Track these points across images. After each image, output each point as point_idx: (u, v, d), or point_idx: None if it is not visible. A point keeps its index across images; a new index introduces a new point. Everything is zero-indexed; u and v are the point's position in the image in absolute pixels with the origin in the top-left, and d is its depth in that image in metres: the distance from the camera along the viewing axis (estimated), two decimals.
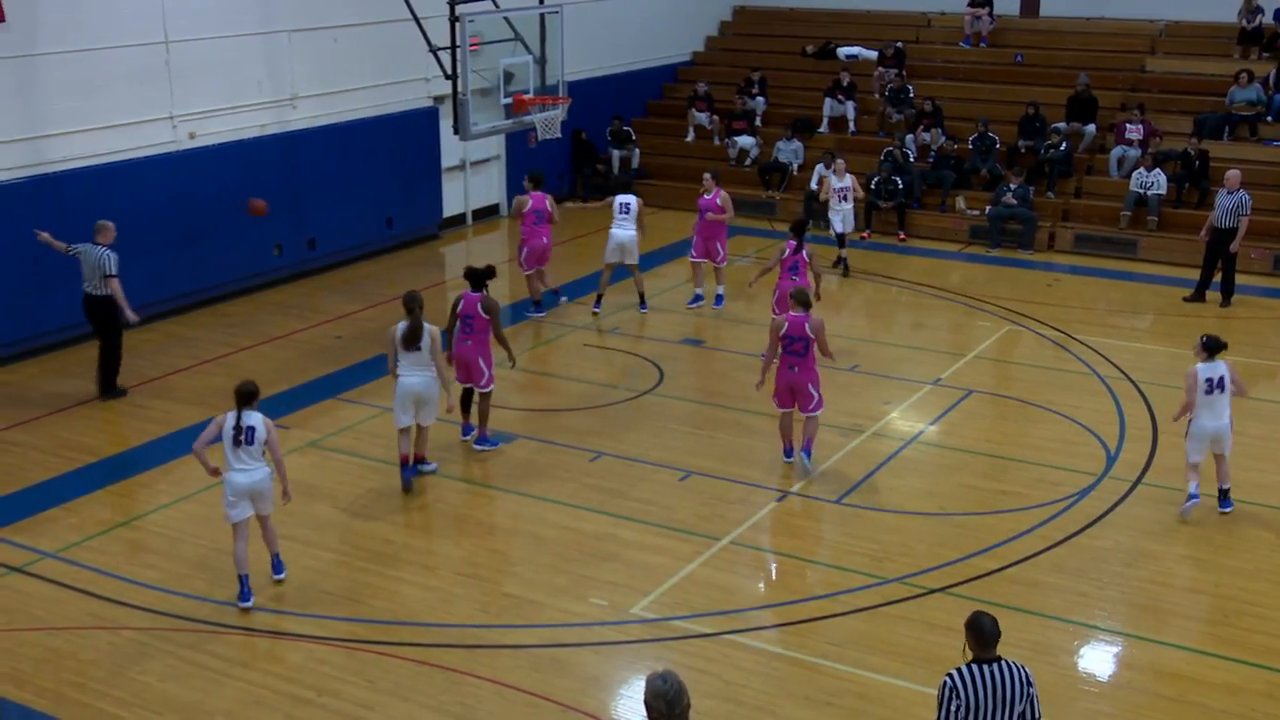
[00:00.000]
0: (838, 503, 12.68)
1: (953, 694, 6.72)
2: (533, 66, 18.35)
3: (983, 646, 6.83)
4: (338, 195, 20.35)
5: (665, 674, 6.32)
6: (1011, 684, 6.75)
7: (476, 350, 13.41)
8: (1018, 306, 18.72)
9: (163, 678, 9.74)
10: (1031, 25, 27.38)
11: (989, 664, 6.79)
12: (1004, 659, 6.89)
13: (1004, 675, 6.74)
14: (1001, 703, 6.70)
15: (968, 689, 6.70)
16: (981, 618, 6.91)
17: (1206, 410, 12.11)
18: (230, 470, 10.54)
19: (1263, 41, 24.46)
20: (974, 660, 6.83)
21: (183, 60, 17.86)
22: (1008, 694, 6.71)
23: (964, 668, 6.84)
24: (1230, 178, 18.60)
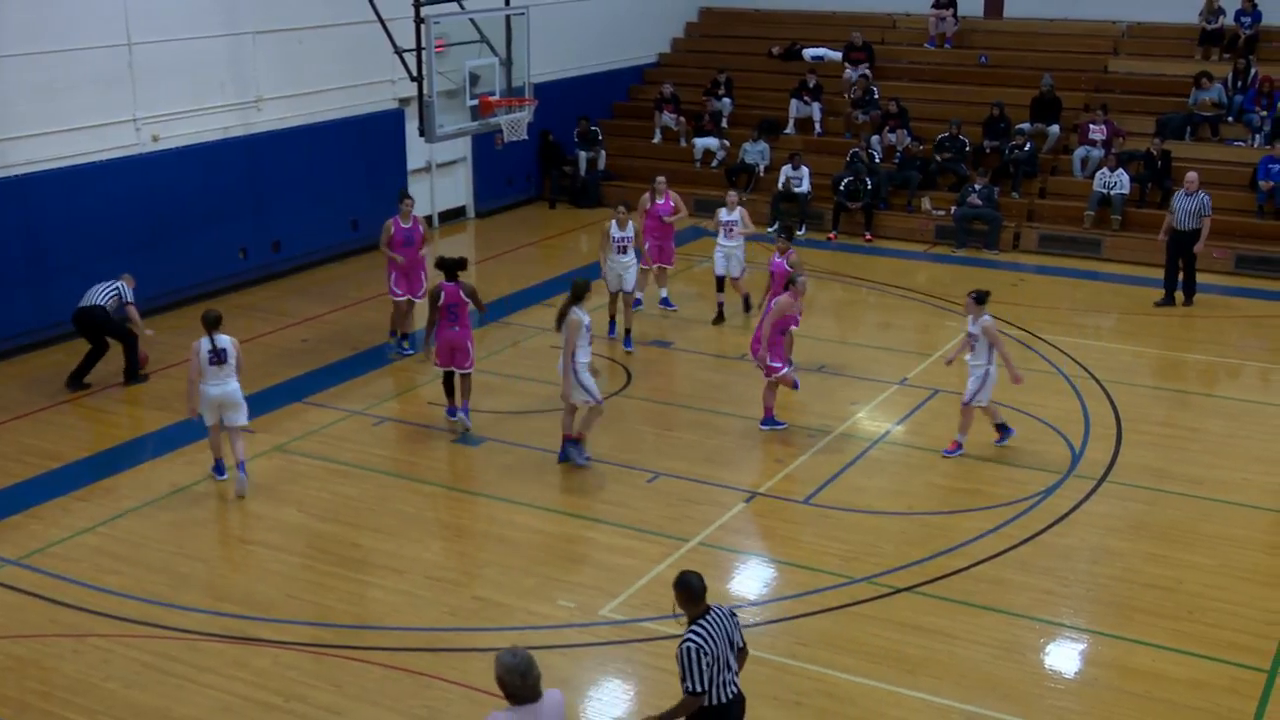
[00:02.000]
0: (806, 503, 12.71)
1: (700, 652, 7.27)
2: (499, 68, 18.31)
3: (697, 602, 7.41)
4: (303, 198, 20.27)
5: (513, 649, 6.65)
6: (726, 623, 7.46)
7: (465, 335, 14.08)
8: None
9: (128, 685, 9.67)
10: (995, 26, 27.53)
11: (705, 615, 7.40)
12: (711, 606, 7.46)
13: (720, 618, 7.44)
14: (724, 642, 7.41)
15: (710, 642, 7.31)
16: (689, 577, 7.43)
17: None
18: (205, 384, 12.42)
19: (1223, 42, 24.68)
20: (697, 616, 7.39)
21: (146, 62, 17.75)
22: (726, 632, 7.43)
23: (697, 627, 7.34)
24: (1189, 180, 18.70)
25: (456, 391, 14.38)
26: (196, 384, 12.53)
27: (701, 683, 7.29)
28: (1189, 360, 17.09)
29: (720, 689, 7.42)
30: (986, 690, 9.63)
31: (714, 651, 7.32)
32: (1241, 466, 13.56)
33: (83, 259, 17.15)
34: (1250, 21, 24.49)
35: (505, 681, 6.55)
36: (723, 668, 7.39)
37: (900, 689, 9.65)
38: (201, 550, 11.79)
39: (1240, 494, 12.89)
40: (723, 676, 7.40)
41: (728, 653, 7.42)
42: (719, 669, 7.36)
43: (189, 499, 12.79)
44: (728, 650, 7.42)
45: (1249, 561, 11.60)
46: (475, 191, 24.32)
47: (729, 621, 7.50)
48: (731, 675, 7.47)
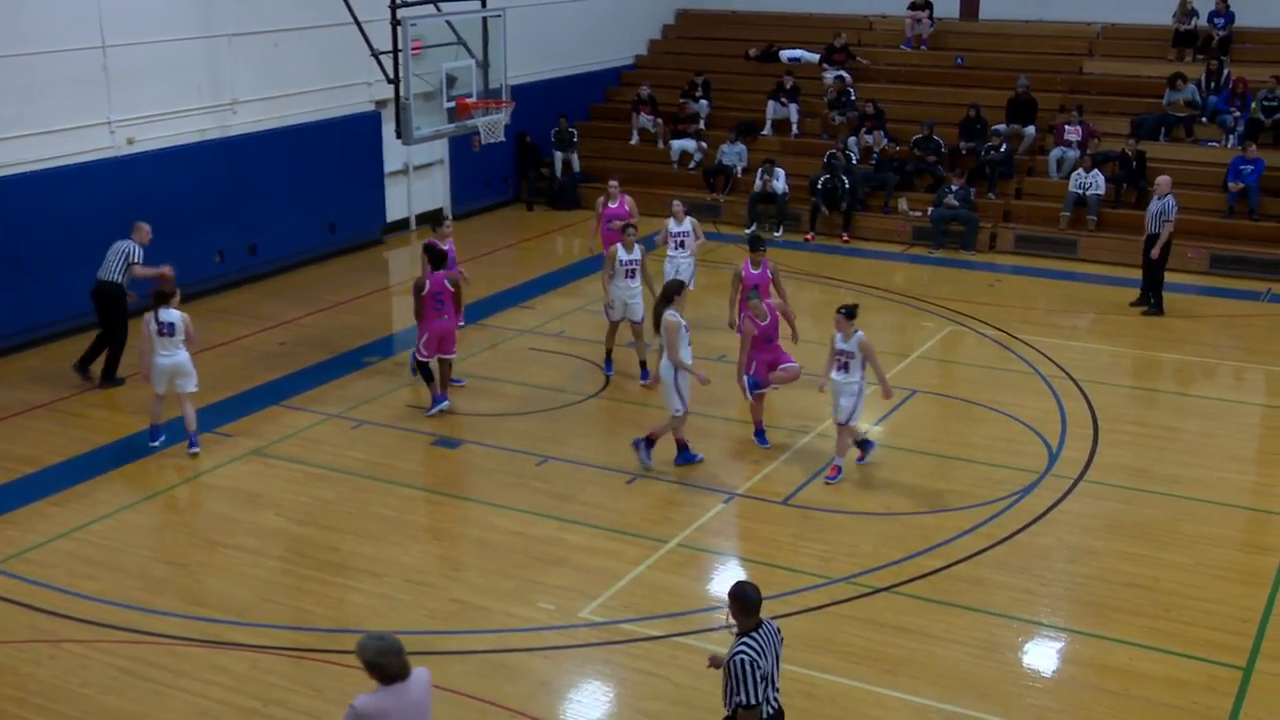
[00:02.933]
0: (784, 504, 12.73)
1: (753, 665, 7.16)
2: (475, 70, 18.26)
3: (751, 614, 7.30)
4: (280, 200, 20.19)
5: (378, 633, 6.86)
6: (775, 640, 7.39)
7: (454, 322, 14.66)
8: (960, 307, 18.88)
9: (105, 690, 9.61)
10: (971, 28, 27.64)
11: (760, 628, 7.31)
12: (764, 620, 7.36)
13: (770, 634, 7.35)
14: (773, 658, 7.35)
15: (760, 655, 7.22)
16: (746, 588, 7.33)
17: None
18: (156, 355, 13.39)
19: (1197, 44, 24.83)
20: (750, 629, 7.29)
21: (121, 65, 17.66)
22: (775, 648, 7.38)
23: (750, 639, 7.23)
24: (1159, 183, 18.69)
25: (438, 378, 14.64)
26: (148, 355, 13.53)
27: (755, 695, 7.13)
28: (1165, 360, 17.18)
29: (769, 703, 7.32)
30: (965, 689, 9.65)
31: (765, 666, 7.20)
32: (1218, 465, 13.64)
33: (58, 262, 17.06)
34: (1223, 23, 24.64)
35: (377, 664, 6.66)
36: (769, 684, 7.29)
37: (880, 689, 9.67)
38: (178, 554, 11.74)
39: (1217, 493, 12.96)
40: (768, 693, 7.29)
41: (773, 669, 7.33)
42: (766, 685, 7.24)
43: (165, 503, 12.74)
44: (773, 667, 7.33)
45: (1225, 560, 11.67)
46: (453, 194, 24.27)
47: (777, 639, 7.41)
48: (775, 692, 7.39)
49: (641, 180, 24.51)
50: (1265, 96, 22.72)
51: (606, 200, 18.13)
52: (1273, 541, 12.04)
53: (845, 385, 12.96)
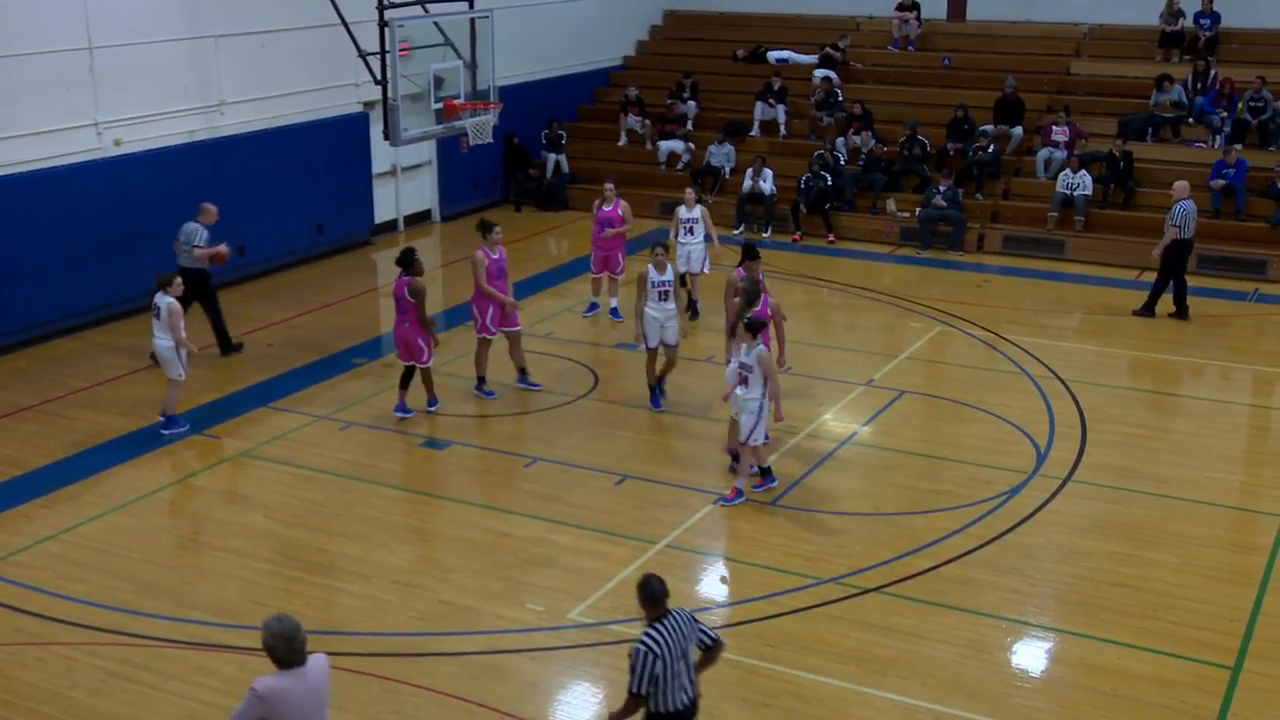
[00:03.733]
0: (773, 504, 12.73)
1: (649, 655, 7.30)
2: (463, 71, 18.26)
3: (656, 605, 7.47)
4: (268, 201, 20.14)
5: (279, 616, 6.85)
6: (684, 628, 7.48)
7: (412, 332, 14.21)
8: (948, 307, 18.91)
9: (93, 693, 9.58)
10: (959, 29, 27.68)
11: (664, 618, 7.44)
12: (671, 610, 7.49)
13: (677, 623, 7.45)
14: (682, 647, 7.45)
15: (662, 646, 7.33)
16: (650, 579, 7.52)
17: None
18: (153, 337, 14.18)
19: (1183, 44, 24.90)
20: (655, 619, 7.44)
21: (107, 66, 17.61)
22: (685, 636, 7.47)
23: (652, 630, 7.39)
24: (1175, 188, 18.49)
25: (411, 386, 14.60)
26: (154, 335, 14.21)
27: (644, 685, 7.32)
28: (1152, 360, 17.22)
29: (672, 695, 7.41)
30: (954, 689, 9.67)
31: (666, 656, 7.31)
32: (1205, 465, 13.68)
33: (44, 264, 17.03)
34: (1209, 24, 24.72)
35: (273, 648, 6.75)
36: (675, 673, 7.38)
37: (868, 689, 9.68)
38: (166, 557, 11.71)
39: (1204, 492, 12.99)
40: (676, 682, 7.40)
41: (681, 659, 7.41)
42: (670, 675, 7.35)
43: (153, 505, 12.70)
44: (681, 657, 7.41)
45: (1213, 559, 11.70)
46: (440, 195, 24.25)
47: (688, 626, 7.49)
48: (685, 681, 7.46)
49: (630, 181, 24.48)
50: (1252, 97, 22.79)
51: (601, 203, 18.12)
52: (1260, 541, 12.08)
53: (745, 402, 12.38)
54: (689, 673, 7.51)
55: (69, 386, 15.66)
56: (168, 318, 13.84)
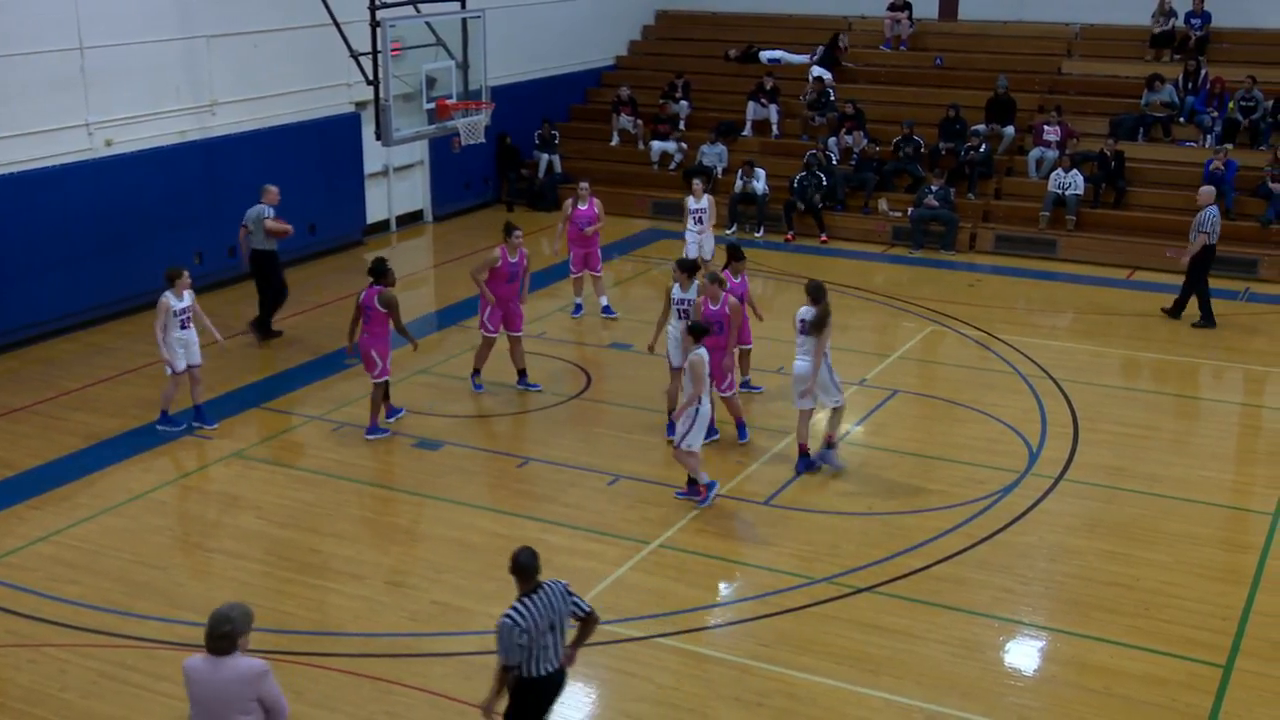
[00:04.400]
0: (766, 504, 12.74)
1: (512, 629, 7.58)
2: (455, 71, 18.26)
3: (525, 579, 7.72)
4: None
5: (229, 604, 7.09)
6: (556, 604, 7.72)
7: (370, 342, 13.87)
8: (941, 307, 18.93)
9: (85, 695, 9.57)
10: (951, 28, 27.70)
11: (534, 593, 7.69)
12: (544, 582, 7.74)
13: (548, 596, 7.70)
14: (550, 625, 7.69)
15: (528, 619, 7.59)
16: (518, 553, 7.76)
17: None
18: None
19: (1174, 44, 24.94)
20: (525, 593, 7.69)
21: (99, 66, 17.58)
22: (555, 615, 7.72)
23: (518, 604, 7.63)
24: (1201, 194, 18.40)
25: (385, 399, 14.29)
26: None
27: (511, 658, 7.62)
28: (1144, 359, 17.25)
29: (537, 663, 7.70)
30: (947, 689, 9.67)
31: (532, 629, 7.57)
32: (1197, 464, 13.71)
33: (35, 265, 17.00)
34: (1200, 23, 24.77)
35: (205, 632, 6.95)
36: (542, 645, 7.66)
37: (862, 689, 9.69)
38: (158, 558, 11.68)
39: (1196, 491, 13.01)
40: (543, 653, 7.69)
41: (548, 630, 7.66)
42: (537, 646, 7.63)
43: (145, 506, 12.67)
44: (548, 627, 7.66)
45: (1205, 558, 11.72)
46: (432, 195, 24.24)
47: (560, 600, 7.73)
48: (552, 652, 7.74)
49: (622, 181, 24.56)
50: (1243, 97, 22.84)
51: (576, 202, 18.15)
52: (1252, 540, 12.10)
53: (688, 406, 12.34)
54: (557, 644, 7.76)
55: (61, 387, 15.64)
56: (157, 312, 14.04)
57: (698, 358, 12.18)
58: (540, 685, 7.80)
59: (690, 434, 12.28)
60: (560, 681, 7.92)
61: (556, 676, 7.86)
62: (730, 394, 13.83)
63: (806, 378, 12.99)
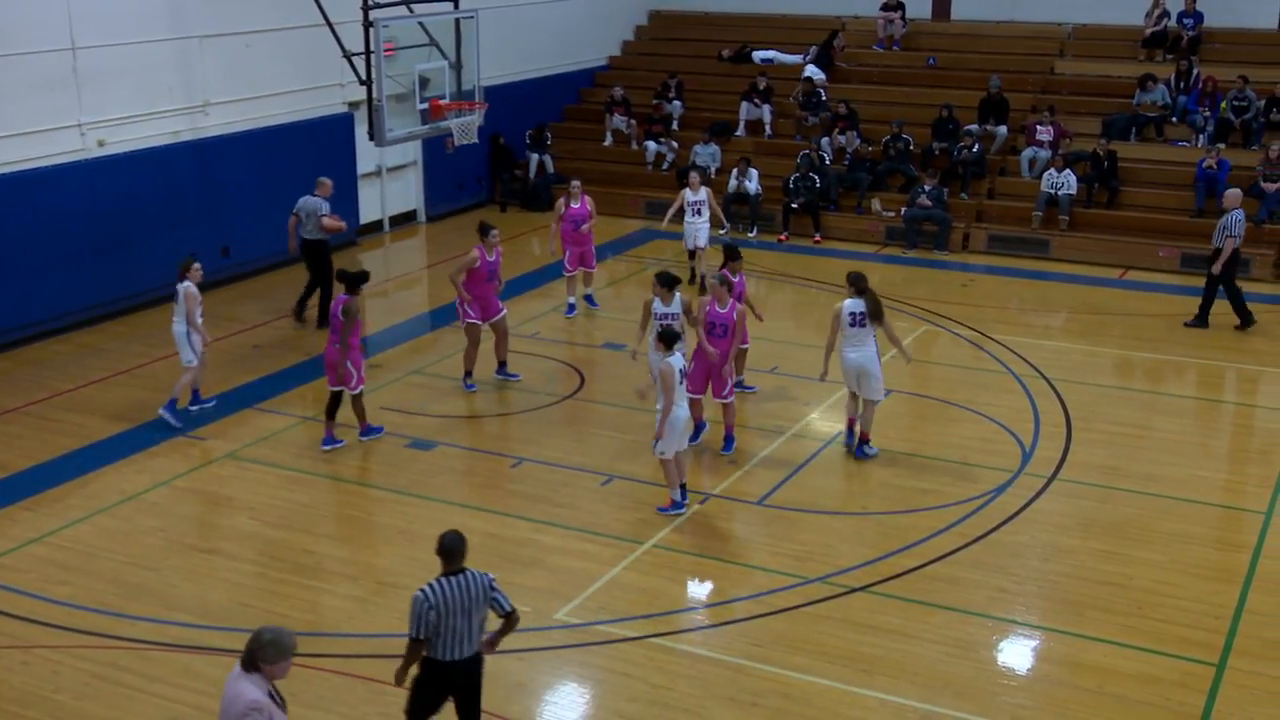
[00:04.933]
0: (760, 504, 12.74)
1: (423, 604, 7.73)
2: (448, 72, 18.25)
3: (448, 560, 7.86)
4: (252, 202, 20.08)
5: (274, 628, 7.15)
6: (474, 592, 7.80)
7: (332, 352, 13.55)
8: (934, 307, 18.94)
9: (78, 696, 9.55)
10: (943, 29, 27.73)
11: (455, 575, 7.82)
12: (468, 570, 7.86)
13: (468, 583, 7.80)
14: (464, 610, 7.78)
15: (438, 597, 7.73)
16: (444, 535, 7.92)
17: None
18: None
19: (1166, 44, 24.97)
20: (446, 574, 7.84)
21: (91, 66, 17.54)
22: (471, 601, 7.79)
23: (435, 582, 7.80)
24: (1227, 196, 18.35)
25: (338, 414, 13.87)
26: None
27: (419, 631, 7.74)
28: (1137, 359, 17.27)
29: (446, 648, 7.82)
30: (941, 688, 9.68)
31: (442, 609, 7.69)
32: (1189, 464, 13.73)
33: (28, 266, 16.96)
34: (1192, 23, 24.81)
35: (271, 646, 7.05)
36: (453, 628, 7.77)
37: (856, 688, 9.69)
38: (151, 559, 11.66)
39: (1188, 490, 13.03)
40: (454, 637, 7.79)
41: (460, 614, 7.75)
42: (447, 628, 7.75)
43: (138, 507, 12.65)
44: (460, 611, 7.75)
45: (1198, 557, 11.73)
46: (426, 196, 24.22)
47: (480, 589, 7.80)
48: (465, 639, 7.83)
49: (615, 181, 24.55)
50: (1235, 97, 22.88)
51: (569, 201, 18.23)
52: (1245, 539, 12.12)
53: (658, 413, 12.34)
54: (471, 632, 7.84)
55: (54, 388, 15.61)
56: (183, 302, 14.17)
57: (668, 367, 12.02)
58: (445, 669, 7.90)
59: (663, 441, 12.17)
60: (470, 670, 7.98)
61: (465, 665, 7.92)
62: (729, 400, 13.70)
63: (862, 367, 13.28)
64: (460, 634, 7.80)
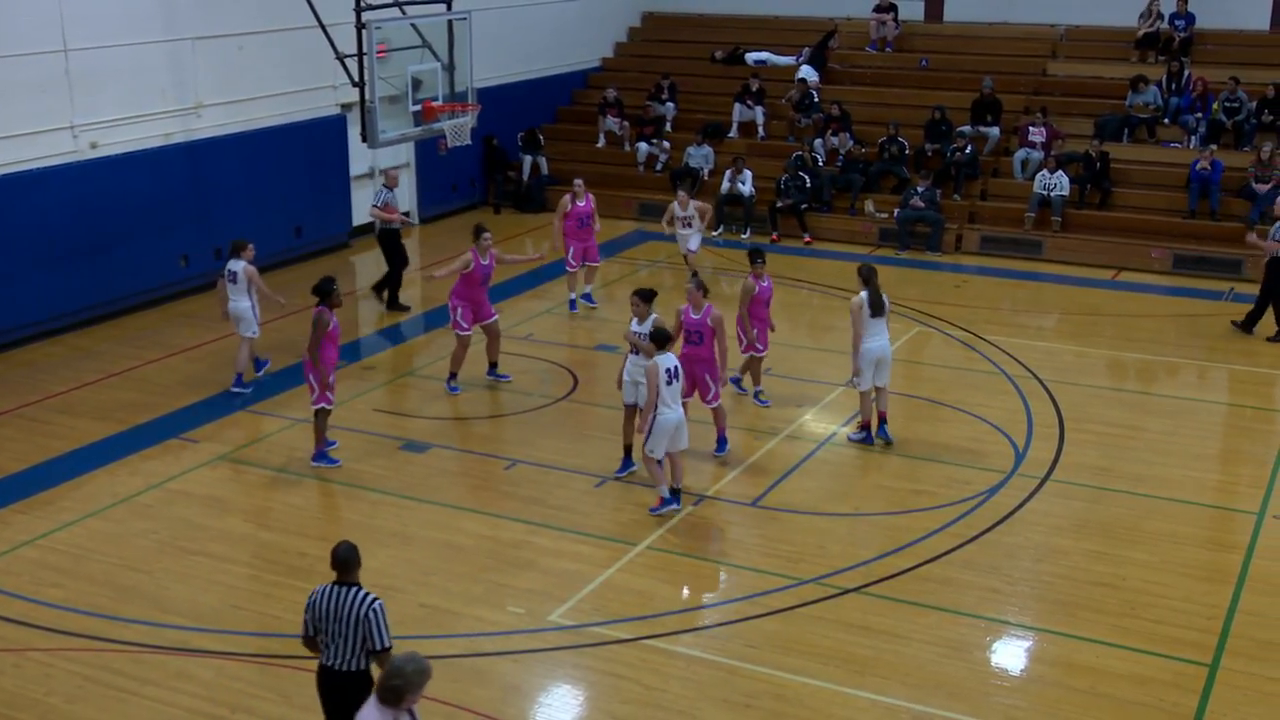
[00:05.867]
0: (753, 505, 12.74)
1: (309, 605, 7.84)
2: (441, 73, 18.25)
3: (338, 572, 7.88)
4: (246, 204, 20.05)
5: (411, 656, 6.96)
6: (351, 608, 7.74)
7: (308, 366, 13.21)
8: (927, 308, 18.96)
9: (70, 699, 9.54)
10: (936, 30, 27.75)
11: (344, 587, 7.82)
12: (359, 588, 7.82)
13: (347, 599, 7.77)
14: (340, 620, 7.75)
15: (318, 602, 7.81)
16: (337, 547, 7.93)
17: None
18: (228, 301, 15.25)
19: (1158, 45, 25.02)
20: (334, 582, 7.84)
21: (83, 68, 17.51)
22: (346, 615, 7.74)
23: (323, 586, 7.86)
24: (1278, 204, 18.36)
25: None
26: (221, 300, 15.42)
27: (306, 628, 7.90)
28: (1129, 359, 17.30)
29: (329, 654, 7.87)
30: (934, 689, 9.69)
31: (319, 614, 7.78)
32: (1181, 464, 13.75)
33: (20, 268, 16.93)
34: (1184, 25, 24.85)
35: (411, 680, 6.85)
36: (328, 634, 7.80)
37: (849, 689, 9.70)
38: (144, 562, 11.64)
39: (1181, 491, 13.06)
40: (334, 646, 7.81)
41: (335, 625, 7.75)
42: (330, 635, 7.80)
43: (131, 510, 12.63)
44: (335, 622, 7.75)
45: (1190, 557, 11.76)
46: (419, 197, 24.19)
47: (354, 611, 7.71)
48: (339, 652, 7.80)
49: (608, 183, 24.52)
50: (1227, 98, 22.93)
51: (574, 199, 18.33)
52: (1236, 539, 12.15)
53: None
54: (345, 647, 7.78)
55: (46, 391, 15.58)
56: (245, 280, 15.10)
57: (653, 365, 12.01)
58: (324, 675, 7.94)
59: (651, 439, 12.14)
60: (340, 685, 7.83)
61: (342, 676, 7.83)
62: (716, 405, 13.67)
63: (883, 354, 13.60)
64: (339, 645, 7.79)
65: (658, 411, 12.04)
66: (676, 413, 12.22)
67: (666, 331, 12.42)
